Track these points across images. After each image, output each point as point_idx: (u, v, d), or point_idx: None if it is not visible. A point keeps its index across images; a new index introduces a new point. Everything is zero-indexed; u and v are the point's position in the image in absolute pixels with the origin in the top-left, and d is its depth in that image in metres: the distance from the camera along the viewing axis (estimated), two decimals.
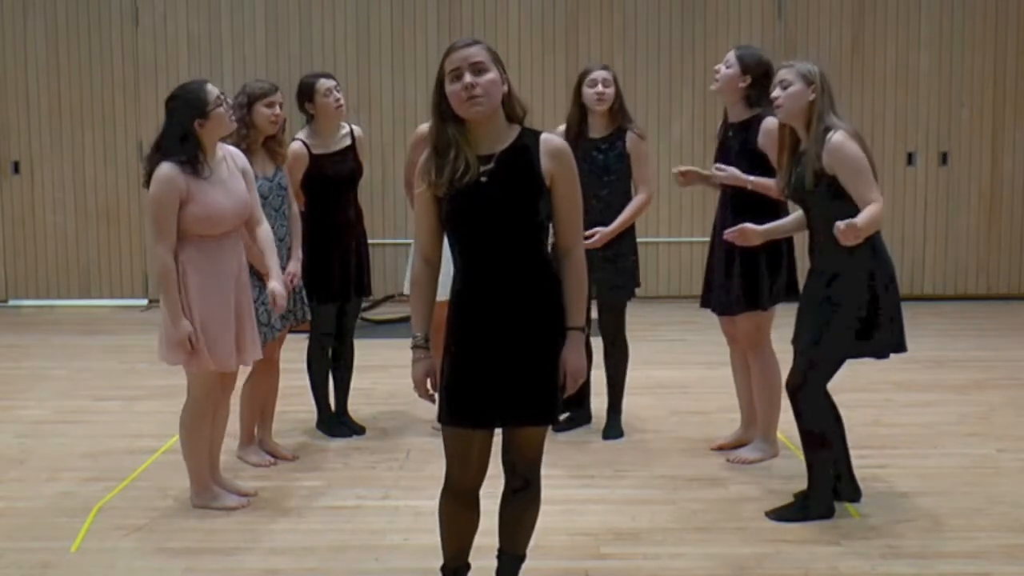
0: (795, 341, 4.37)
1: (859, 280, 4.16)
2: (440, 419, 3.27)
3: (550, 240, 3.29)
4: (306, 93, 5.25)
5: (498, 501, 3.44)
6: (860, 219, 3.99)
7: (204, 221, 4.22)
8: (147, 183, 4.24)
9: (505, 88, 3.16)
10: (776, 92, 4.30)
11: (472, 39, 3.18)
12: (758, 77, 4.83)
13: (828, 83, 4.27)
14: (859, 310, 4.17)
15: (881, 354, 4.30)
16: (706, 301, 5.15)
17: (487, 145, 3.16)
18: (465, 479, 3.32)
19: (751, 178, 4.80)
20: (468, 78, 3.07)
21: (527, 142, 3.18)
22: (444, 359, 3.24)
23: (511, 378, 3.17)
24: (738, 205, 4.86)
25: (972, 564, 3.95)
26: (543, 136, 3.20)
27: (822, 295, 4.23)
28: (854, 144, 4.13)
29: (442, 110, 3.15)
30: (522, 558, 3.50)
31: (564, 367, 3.20)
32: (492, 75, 3.11)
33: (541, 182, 3.15)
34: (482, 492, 3.41)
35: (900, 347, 4.29)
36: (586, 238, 5.26)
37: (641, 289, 5.55)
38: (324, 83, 5.24)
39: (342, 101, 5.28)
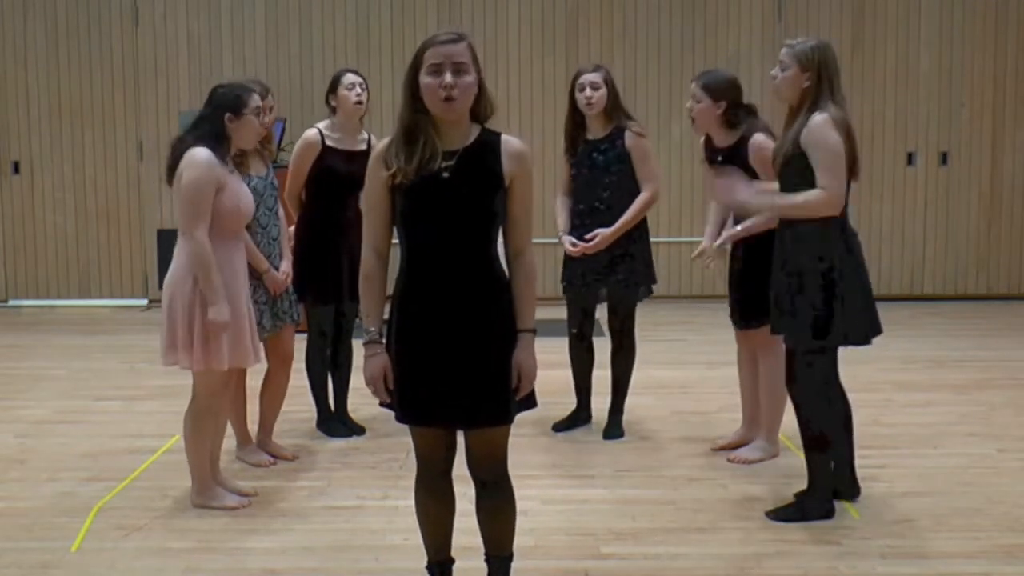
0: (773, 330, 4.34)
1: (812, 272, 4.10)
2: (397, 418, 3.27)
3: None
4: (332, 85, 5.33)
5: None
6: (771, 197, 4.10)
7: (232, 213, 4.26)
8: (170, 168, 4.24)
9: (476, 89, 3.14)
10: (774, 72, 4.28)
11: (456, 34, 3.12)
12: (732, 98, 4.84)
13: (830, 66, 4.18)
14: (815, 302, 4.10)
15: (837, 345, 4.19)
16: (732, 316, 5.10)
17: (451, 142, 3.15)
18: (435, 463, 3.34)
19: (739, 228, 4.79)
20: (449, 78, 3.05)
21: (488, 142, 3.18)
22: (390, 355, 3.22)
23: (460, 379, 3.16)
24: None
25: (972, 564, 3.94)
26: (503, 137, 3.20)
27: (785, 286, 4.20)
28: (833, 131, 4.07)
29: (416, 97, 3.13)
30: (510, 557, 3.48)
31: (519, 369, 3.18)
32: (471, 78, 3.09)
33: (501, 182, 3.16)
34: (466, 496, 3.41)
35: (860, 341, 4.19)
36: (587, 240, 5.26)
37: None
38: (349, 77, 5.30)
39: (363, 98, 5.29)
